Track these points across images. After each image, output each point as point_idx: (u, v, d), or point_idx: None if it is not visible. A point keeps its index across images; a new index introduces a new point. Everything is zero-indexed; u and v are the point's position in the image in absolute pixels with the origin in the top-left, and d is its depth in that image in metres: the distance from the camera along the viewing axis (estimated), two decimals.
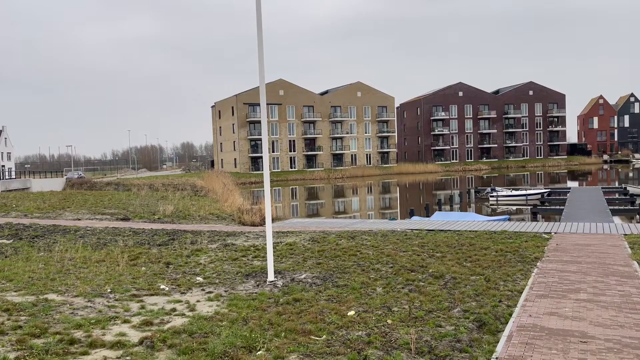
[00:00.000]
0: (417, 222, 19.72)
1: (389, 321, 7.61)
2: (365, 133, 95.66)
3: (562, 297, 8.72)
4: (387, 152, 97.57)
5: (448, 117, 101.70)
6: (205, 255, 13.58)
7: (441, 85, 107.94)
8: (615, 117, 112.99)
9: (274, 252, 12.16)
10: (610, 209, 24.67)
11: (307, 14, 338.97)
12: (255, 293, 9.48)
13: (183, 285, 10.19)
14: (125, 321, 7.81)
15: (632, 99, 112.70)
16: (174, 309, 8.47)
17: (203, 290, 9.81)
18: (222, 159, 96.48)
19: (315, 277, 10.64)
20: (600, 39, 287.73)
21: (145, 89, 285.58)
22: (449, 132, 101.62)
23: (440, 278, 10.26)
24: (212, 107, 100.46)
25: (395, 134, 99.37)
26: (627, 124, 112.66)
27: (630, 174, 66.96)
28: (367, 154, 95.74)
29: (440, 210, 31.18)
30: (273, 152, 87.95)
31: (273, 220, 21.81)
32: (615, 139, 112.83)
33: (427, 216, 26.69)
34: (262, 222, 20.61)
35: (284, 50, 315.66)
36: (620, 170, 77.92)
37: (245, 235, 17.35)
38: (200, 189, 39.26)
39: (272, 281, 10.31)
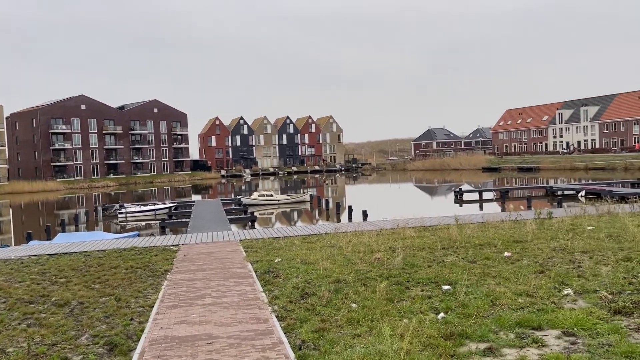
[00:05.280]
0: (37, 247, 17.55)
1: None
2: None
3: (190, 304, 9.23)
4: None
5: (70, 130, 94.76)
6: None
7: (61, 96, 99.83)
8: (229, 137, 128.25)
9: None
10: (228, 218, 27.68)
11: None
12: None
13: None
14: None
15: (241, 122, 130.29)
16: None
17: None
18: None
19: None
20: (218, 66, 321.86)
21: None
22: (71, 147, 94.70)
23: (65, 305, 9.39)
24: None
25: (6, 147, 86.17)
26: (239, 143, 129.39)
27: (243, 187, 76.95)
28: None
29: (64, 231, 28.59)
30: None
31: None
32: (230, 156, 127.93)
33: (49, 239, 24.09)
34: None
35: None
36: (235, 183, 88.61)
37: None
38: None
39: None
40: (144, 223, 33.40)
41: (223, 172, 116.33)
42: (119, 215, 35.85)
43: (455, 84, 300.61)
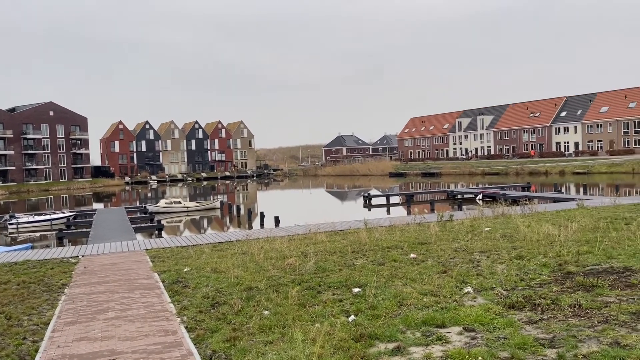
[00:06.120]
0: None
1: None
2: None
3: (91, 319, 8.69)
4: None
5: None
6: None
7: None
8: (134, 142, 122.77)
9: None
10: (133, 227, 26.42)
11: None
12: None
13: None
14: None
15: (147, 126, 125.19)
16: None
17: None
18: None
19: None
20: (121, 69, 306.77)
21: None
22: None
23: None
24: None
25: None
26: (144, 149, 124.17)
27: (149, 194, 73.89)
28: None
29: None
30: None
31: None
32: (135, 162, 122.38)
33: None
34: None
35: None
36: (140, 190, 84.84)
37: None
38: None
39: None
40: (38, 234, 31.00)
41: (127, 178, 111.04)
42: (9, 227, 32.96)
43: (363, 91, 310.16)
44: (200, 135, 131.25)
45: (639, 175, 60.60)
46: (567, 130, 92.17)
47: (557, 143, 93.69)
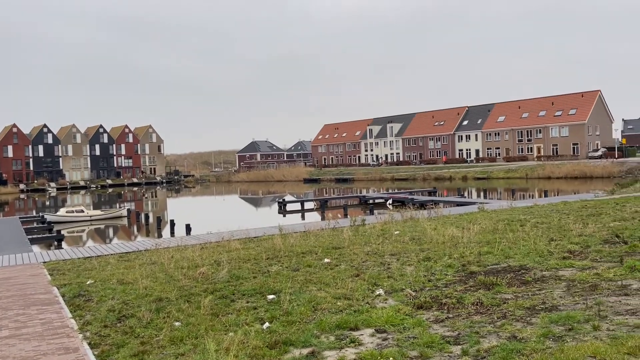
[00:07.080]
0: None
1: None
2: None
3: None
4: None
5: None
6: None
7: None
8: (30, 147, 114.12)
9: None
10: (29, 238, 24.50)
11: None
12: None
13: None
14: None
15: (45, 130, 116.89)
16: None
17: None
18: None
19: None
20: (16, 68, 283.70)
21: None
22: None
23: None
24: None
25: None
26: (42, 154, 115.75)
27: (48, 202, 68.92)
28: None
29: None
30: None
31: None
32: (31, 168, 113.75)
33: None
34: None
35: None
36: (37, 199, 78.87)
37: None
38: None
39: None
40: None
41: (22, 186, 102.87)
42: None
43: (277, 97, 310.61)
44: (105, 140, 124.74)
45: (531, 180, 65.82)
46: (469, 138, 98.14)
47: (460, 150, 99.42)
